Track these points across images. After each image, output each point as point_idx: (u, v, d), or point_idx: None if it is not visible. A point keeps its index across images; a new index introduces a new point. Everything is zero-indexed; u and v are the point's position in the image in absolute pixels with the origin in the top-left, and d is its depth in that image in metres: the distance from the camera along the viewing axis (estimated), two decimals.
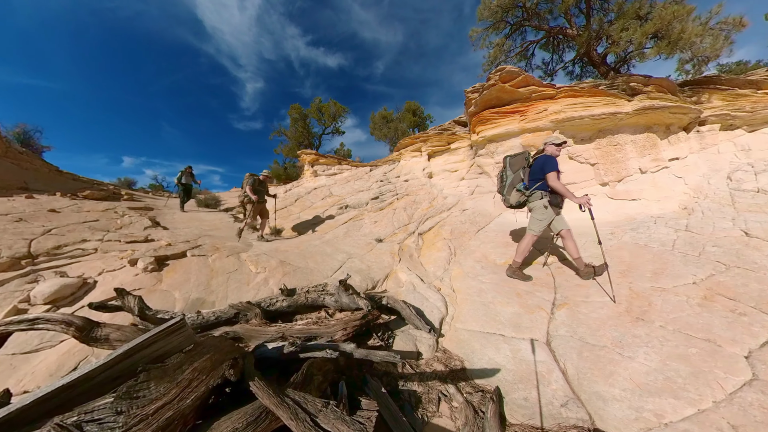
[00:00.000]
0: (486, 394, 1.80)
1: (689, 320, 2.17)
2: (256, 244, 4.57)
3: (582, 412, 1.66)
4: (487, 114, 5.77)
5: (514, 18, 8.93)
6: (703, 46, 6.24)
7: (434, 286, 3.21)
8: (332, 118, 19.01)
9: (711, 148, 5.15)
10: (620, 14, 6.95)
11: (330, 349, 1.76)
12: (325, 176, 9.91)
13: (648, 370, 1.82)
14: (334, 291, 2.70)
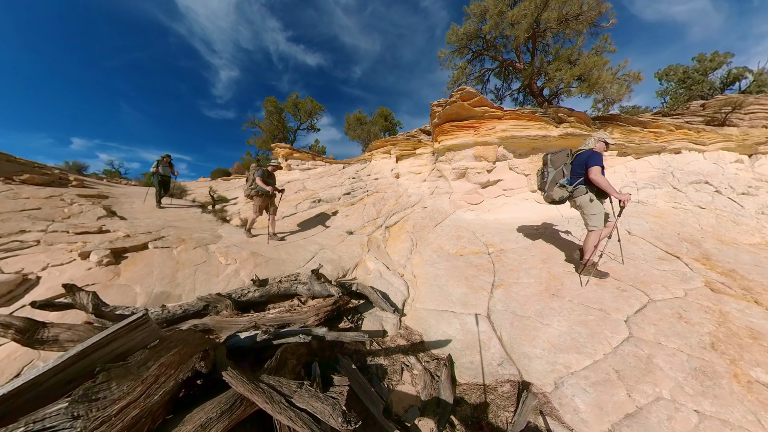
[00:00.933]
0: (440, 361, 1.93)
1: (588, 296, 2.54)
2: (226, 236, 4.18)
3: (513, 369, 1.87)
4: (448, 126, 6.03)
5: (476, 47, 9.53)
6: (611, 91, 7.35)
7: (398, 272, 3.28)
8: (308, 115, 17.83)
9: (609, 169, 6.03)
10: (556, 57, 7.92)
11: (303, 335, 1.72)
12: (299, 170, 9.42)
13: (560, 333, 2.10)
14: (307, 280, 2.62)
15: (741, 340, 1.90)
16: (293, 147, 10.27)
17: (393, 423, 1.40)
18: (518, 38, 7.94)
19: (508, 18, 7.84)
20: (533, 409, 1.56)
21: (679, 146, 6.15)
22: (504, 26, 8.22)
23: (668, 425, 1.42)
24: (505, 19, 7.97)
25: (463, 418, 1.55)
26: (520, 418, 1.50)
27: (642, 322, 2.14)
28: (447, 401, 1.60)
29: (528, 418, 1.51)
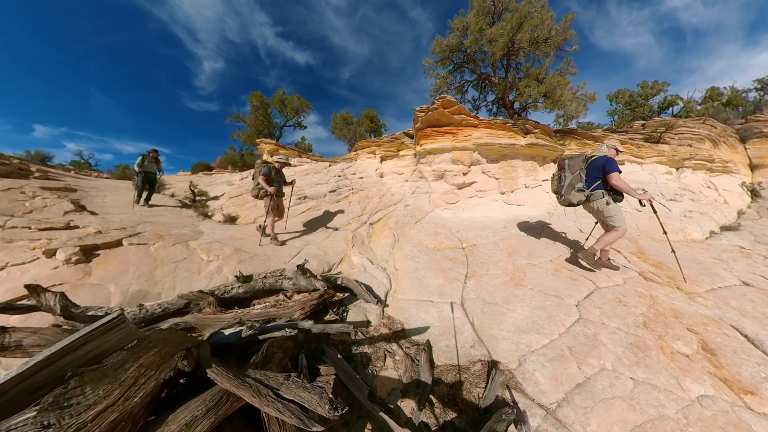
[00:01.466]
0: (420, 347, 1.98)
1: (547, 283, 2.73)
2: (208, 232, 3.93)
3: (483, 350, 1.97)
4: (429, 131, 6.18)
5: (458, 59, 9.81)
6: (571, 108, 7.96)
7: (381, 266, 3.29)
8: (295, 112, 16.85)
9: None
10: (526, 75, 8.42)
11: (289, 328, 1.68)
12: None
13: (523, 317, 2.25)
14: (292, 275, 2.55)
15: (666, 319, 2.16)
16: (279, 143, 9.75)
17: (377, 406, 1.42)
18: (495, 55, 8.35)
19: (487, 35, 8.16)
20: (501, 384, 1.66)
21: (623, 158, 6.77)
22: (483, 42, 8.55)
23: (610, 391, 1.58)
24: (484, 36, 8.29)
25: (440, 396, 1.61)
26: (490, 393, 1.60)
27: (590, 305, 2.35)
28: (426, 382, 1.65)
29: (496, 392, 1.60)
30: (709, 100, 11.95)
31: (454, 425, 1.43)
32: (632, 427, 1.39)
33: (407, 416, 1.44)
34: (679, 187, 6.24)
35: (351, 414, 1.37)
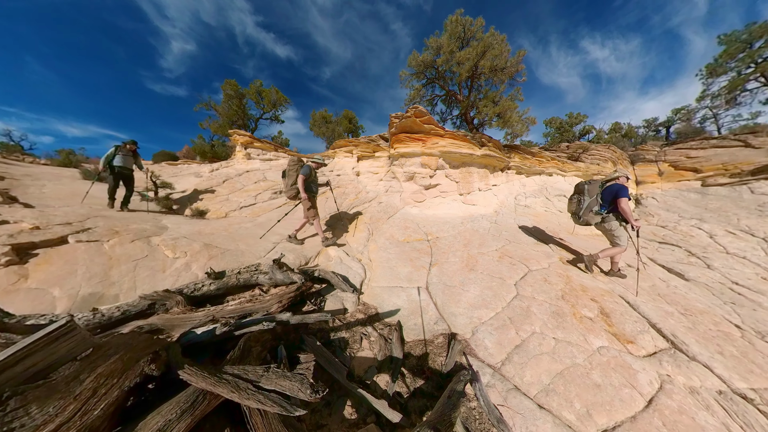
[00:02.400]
0: (392, 327, 2.03)
1: (493, 268, 3.02)
2: (173, 227, 3.41)
3: (444, 325, 2.11)
4: (402, 136, 6.35)
5: (430, 75, 10.25)
6: (517, 128, 9.01)
7: (357, 258, 3.26)
8: (272, 105, 15.03)
9: (510, 182, 7.24)
10: (485, 97, 9.30)
11: (267, 322, 1.58)
12: (260, 160, 8.13)
13: (475, 296, 2.46)
14: (268, 270, 2.39)
15: (577, 293, 2.57)
16: (254, 136, 8.68)
17: (356, 383, 1.44)
18: (461, 75, 9.00)
19: (456, 58, 8.75)
20: (459, 351, 1.81)
21: (551, 171, 7.76)
22: (452, 63, 9.10)
23: (539, 349, 1.84)
24: (454, 58, 8.85)
25: (410, 367, 1.69)
26: (450, 360, 1.73)
27: (524, 284, 2.67)
28: (398, 357, 1.71)
29: (455, 358, 1.75)
30: (613, 132, 14.47)
31: (423, 390, 1.52)
32: (555, 375, 1.65)
33: (383, 389, 1.49)
34: None
35: (332, 394, 1.36)
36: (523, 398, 1.51)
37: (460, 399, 1.40)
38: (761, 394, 1.61)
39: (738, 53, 9.84)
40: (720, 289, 3.02)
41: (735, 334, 2.17)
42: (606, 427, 1.37)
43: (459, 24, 8.93)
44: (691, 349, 1.93)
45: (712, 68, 10.43)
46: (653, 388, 1.59)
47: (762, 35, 9.35)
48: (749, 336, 2.17)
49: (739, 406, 1.52)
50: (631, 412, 1.44)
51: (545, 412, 1.44)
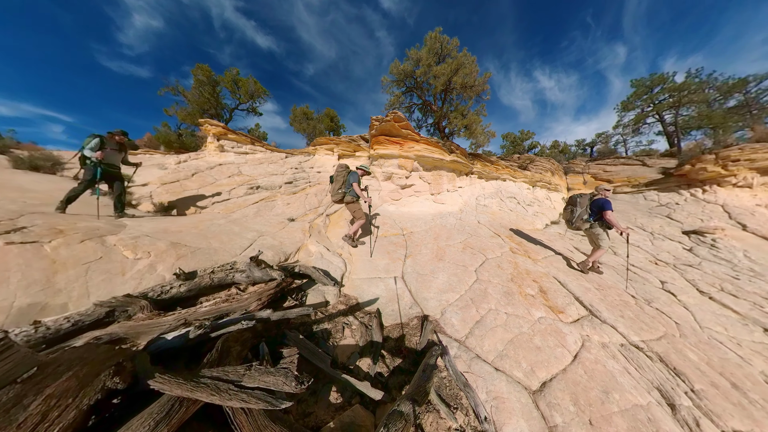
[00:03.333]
0: (372, 315, 2.05)
1: (458, 258, 3.23)
2: (133, 224, 2.89)
3: (418, 309, 2.21)
4: (381, 138, 6.40)
5: (410, 84, 10.50)
6: (480, 139, 9.72)
7: (337, 252, 3.18)
8: (250, 96, 13.18)
9: (473, 185, 7.77)
10: (456, 109, 9.91)
11: (246, 320, 1.47)
12: (234, 153, 7.23)
13: (443, 282, 2.62)
14: (245, 267, 2.20)
15: (522, 276, 2.90)
16: (228, 127, 7.64)
17: (340, 370, 1.43)
18: (437, 88, 9.44)
19: (433, 71, 9.17)
20: (430, 330, 1.92)
21: (505, 177, 8.58)
22: (429, 76, 9.49)
23: (494, 323, 2.04)
24: (431, 71, 9.26)
25: (389, 349, 1.74)
26: (423, 338, 1.83)
27: (482, 270, 2.93)
28: (378, 341, 1.75)
29: (428, 337, 1.85)
30: (553, 148, 17.04)
31: (401, 368, 1.59)
32: (507, 342, 1.86)
33: (365, 371, 1.51)
34: (533, 198, 8.38)
35: (317, 383, 1.34)
36: (484, 364, 1.68)
37: (433, 371, 1.50)
38: (648, 344, 2.03)
39: (642, 95, 11.91)
40: (621, 269, 3.69)
41: (631, 302, 2.69)
42: (545, 380, 1.60)
43: (437, 41, 9.36)
44: (602, 314, 2.34)
45: (624, 104, 12.58)
46: (577, 346, 1.89)
47: (659, 83, 11.45)
48: (641, 303, 2.71)
49: (633, 354, 1.91)
50: (563, 366, 1.70)
51: (500, 373, 1.62)
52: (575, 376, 1.63)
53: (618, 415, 1.40)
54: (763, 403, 1.63)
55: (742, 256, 4.50)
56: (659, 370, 1.78)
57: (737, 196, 6.38)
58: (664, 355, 1.92)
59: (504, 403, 1.41)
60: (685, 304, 2.83)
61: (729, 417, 1.49)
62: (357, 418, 1.17)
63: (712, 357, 2.00)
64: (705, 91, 10.46)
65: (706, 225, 5.59)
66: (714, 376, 1.79)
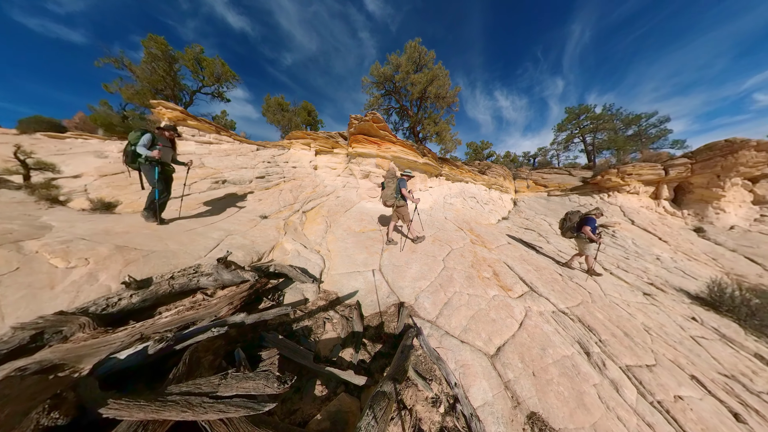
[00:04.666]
0: (352, 307, 2.05)
1: (428, 249, 3.41)
2: (62, 225, 2.27)
3: (395, 297, 2.29)
4: (360, 137, 6.25)
5: (389, 87, 10.80)
6: (449, 145, 10.56)
7: (315, 249, 3.04)
8: (216, 79, 10.88)
9: (441, 186, 8.14)
10: (429, 117, 10.54)
11: (216, 327, 1.33)
12: (195, 143, 6.07)
13: (417, 272, 2.75)
14: (212, 270, 1.96)
15: (480, 262, 3.21)
16: (187, 111, 6.32)
17: (323, 364, 1.41)
18: (413, 94, 9.97)
19: (411, 79, 9.68)
20: (406, 315, 2.01)
21: (468, 180, 9.17)
22: (407, 82, 9.96)
23: (459, 303, 2.24)
24: (409, 78, 9.74)
25: (370, 337, 1.78)
26: (400, 323, 1.91)
27: (448, 259, 3.16)
28: (359, 331, 1.76)
29: (404, 321, 1.93)
30: (506, 157, 19.45)
31: (382, 353, 1.64)
32: (469, 318, 2.06)
33: (348, 361, 1.52)
34: (489, 198, 9.26)
35: (300, 380, 1.30)
36: (452, 339, 1.84)
37: (410, 351, 1.58)
38: (570, 310, 2.48)
39: (572, 120, 14.67)
40: (552, 254, 4.37)
41: (559, 279, 3.22)
42: (499, 345, 1.84)
43: (416, 50, 9.74)
44: (539, 290, 2.76)
45: (559, 126, 15.42)
46: (522, 316, 2.21)
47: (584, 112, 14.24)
48: (565, 279, 3.26)
49: (561, 318, 2.31)
50: (512, 332, 1.97)
51: (465, 344, 1.80)
52: (521, 339, 1.91)
53: (552, 365, 1.71)
54: (643, 345, 2.16)
55: (630, 242, 5.77)
56: (578, 328, 2.21)
57: (629, 200, 8.21)
58: (581, 317, 2.38)
59: (469, 369, 1.59)
60: (594, 278, 3.52)
61: (623, 356, 1.95)
62: (343, 406, 1.18)
63: (611, 315, 2.55)
64: (614, 122, 13.24)
65: (609, 220, 7.02)
66: (613, 329, 2.29)
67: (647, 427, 1.42)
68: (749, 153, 6.89)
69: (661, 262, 4.91)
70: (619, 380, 1.70)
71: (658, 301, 3.20)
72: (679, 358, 2.09)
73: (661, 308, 3.00)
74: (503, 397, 1.44)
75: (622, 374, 1.77)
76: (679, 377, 1.85)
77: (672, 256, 5.27)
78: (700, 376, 1.91)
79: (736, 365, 2.18)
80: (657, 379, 1.78)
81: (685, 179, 7.80)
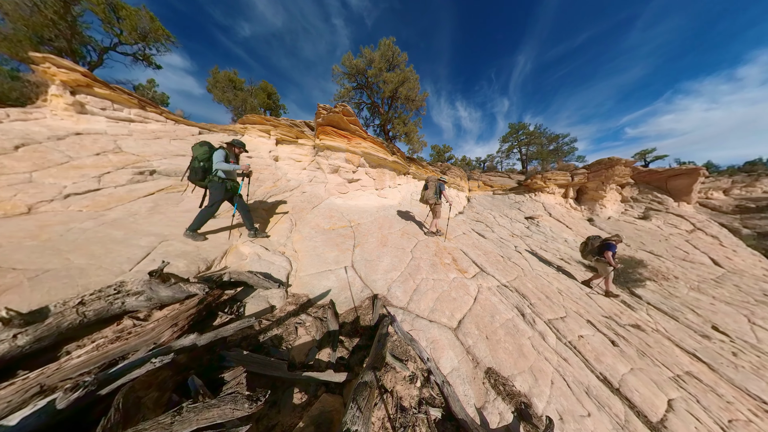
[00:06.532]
0: (326, 307, 1.97)
1: (398, 242, 3.54)
2: None
3: (368, 291, 2.32)
4: (329, 129, 5.81)
5: (361, 81, 10.30)
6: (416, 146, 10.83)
7: (279, 251, 2.74)
8: (140, 37, 7.55)
9: (409, 183, 8.35)
10: (399, 117, 10.62)
11: (158, 357, 1.08)
12: (107, 119, 4.36)
13: (387, 264, 2.84)
14: (142, 287, 1.56)
15: (442, 251, 3.53)
16: (93, 75, 4.42)
17: (299, 370, 1.33)
18: (385, 92, 9.87)
19: (383, 76, 9.55)
20: (380, 306, 2.07)
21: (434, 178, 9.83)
22: (380, 79, 9.78)
23: (426, 288, 2.44)
24: (382, 75, 9.58)
25: (347, 333, 1.75)
26: (375, 314, 1.95)
27: (416, 250, 3.36)
28: (334, 330, 1.71)
29: (379, 312, 1.98)
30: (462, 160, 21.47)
31: (360, 345, 1.65)
32: (435, 300, 2.27)
33: (326, 361, 1.47)
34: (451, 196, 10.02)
35: (276, 393, 1.19)
36: (422, 320, 2.00)
37: (386, 338, 1.65)
38: (510, 283, 3.01)
39: (513, 134, 17.80)
40: (496, 241, 5.16)
41: (501, 260, 3.84)
42: (460, 318, 2.10)
43: (390, 49, 9.64)
44: (488, 269, 3.24)
45: (503, 138, 18.52)
46: (476, 292, 2.56)
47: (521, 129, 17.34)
48: (506, 259, 3.92)
49: (504, 290, 2.78)
50: (469, 306, 2.27)
51: (433, 323, 1.99)
52: (476, 311, 2.23)
53: (500, 327, 2.06)
54: (558, 303, 2.81)
55: (549, 230, 7.35)
56: (516, 296, 2.71)
57: (549, 198, 10.44)
58: (517, 288, 2.93)
59: (438, 343, 1.77)
60: (525, 257, 4.35)
61: (546, 313, 2.50)
62: (326, 406, 1.15)
63: (537, 284, 3.21)
64: (541, 138, 17.07)
65: (535, 214, 8.77)
66: (539, 294, 2.91)
67: (564, 360, 1.89)
68: (621, 168, 9.91)
69: (568, 243, 6.47)
70: (544, 331, 2.19)
71: (566, 271, 4.20)
72: (579, 310, 2.82)
73: (568, 276, 3.97)
74: (466, 361, 1.67)
75: (546, 326, 2.28)
76: (580, 323, 2.51)
77: (575, 238, 6.98)
78: (592, 319, 2.65)
79: (611, 309, 3.10)
80: (567, 326, 2.37)
81: (583, 184, 10.63)
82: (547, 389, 1.59)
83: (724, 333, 3.18)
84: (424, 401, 1.32)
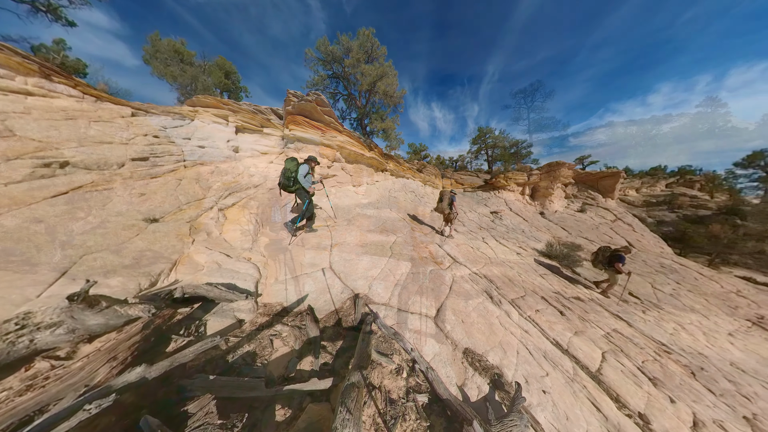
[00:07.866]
0: (303, 313, 1.86)
1: (377, 239, 3.55)
2: None
3: (349, 291, 2.27)
4: (300, 119, 5.44)
5: (337, 70, 9.72)
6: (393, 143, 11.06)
7: (244, 257, 2.45)
8: None
9: (386, 180, 8.40)
10: (376, 112, 10.68)
11: (92, 402, 0.87)
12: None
13: (367, 262, 2.81)
14: (60, 317, 1.22)
15: (420, 246, 3.68)
16: None
17: (279, 385, 1.22)
18: (363, 86, 9.63)
19: (361, 68, 9.14)
20: (362, 305, 2.05)
21: (409, 176, 9.84)
22: (358, 71, 9.35)
23: (406, 281, 2.51)
24: (360, 67, 9.16)
25: (329, 337, 1.69)
26: (357, 314, 1.93)
27: (395, 246, 3.42)
28: (315, 336, 1.63)
29: (361, 311, 1.97)
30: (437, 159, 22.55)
31: (344, 347, 1.61)
32: (414, 292, 2.34)
33: (309, 370, 1.39)
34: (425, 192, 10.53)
35: (254, 414, 1.08)
36: (404, 313, 2.06)
37: (370, 336, 1.65)
38: (479, 270, 3.31)
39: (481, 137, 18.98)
40: (466, 233, 5.59)
41: (471, 251, 4.19)
42: (438, 307, 2.23)
43: (369, 40, 9.25)
44: (460, 260, 3.51)
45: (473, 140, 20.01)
46: (451, 281, 2.75)
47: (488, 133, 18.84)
48: (475, 250, 4.29)
49: (474, 277, 3.05)
50: (445, 295, 2.43)
51: (415, 314, 2.06)
52: (451, 298, 2.40)
53: (473, 311, 2.26)
54: (519, 284, 3.20)
55: (509, 222, 8.34)
56: (484, 282, 3.01)
57: (509, 195, 11.84)
58: (486, 274, 3.25)
59: (420, 334, 1.85)
60: (491, 246, 4.84)
61: (510, 294, 2.83)
62: (313, 416, 1.10)
63: (502, 269, 3.61)
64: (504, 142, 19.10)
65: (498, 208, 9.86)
66: (503, 278, 3.28)
67: (525, 333, 2.18)
68: (565, 170, 11.95)
69: (525, 233, 7.45)
70: (509, 310, 2.49)
71: (523, 257, 4.84)
72: (535, 288, 3.29)
73: (525, 261, 4.58)
74: (446, 345, 1.80)
75: (510, 305, 2.60)
76: (536, 299, 2.93)
77: (530, 229, 8.09)
78: (545, 296, 3.11)
79: (559, 286, 3.69)
80: (527, 303, 2.74)
81: (537, 183, 12.42)
82: (514, 359, 1.82)
83: (636, 297, 4.14)
84: (411, 390, 1.37)
